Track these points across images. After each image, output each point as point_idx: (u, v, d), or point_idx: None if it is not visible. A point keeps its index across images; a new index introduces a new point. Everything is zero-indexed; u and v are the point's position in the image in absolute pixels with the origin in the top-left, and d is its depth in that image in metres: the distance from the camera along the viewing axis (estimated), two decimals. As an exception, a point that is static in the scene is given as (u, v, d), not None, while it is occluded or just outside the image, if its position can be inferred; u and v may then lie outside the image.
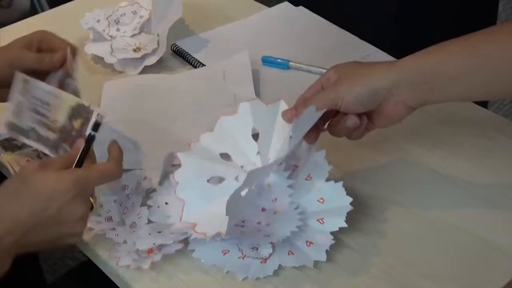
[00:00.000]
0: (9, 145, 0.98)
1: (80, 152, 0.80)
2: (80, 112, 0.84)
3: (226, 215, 0.77)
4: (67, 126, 0.85)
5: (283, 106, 0.86)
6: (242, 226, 0.82)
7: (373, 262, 0.81)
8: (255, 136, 0.88)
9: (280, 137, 0.85)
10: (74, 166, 0.79)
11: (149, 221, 0.85)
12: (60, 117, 0.85)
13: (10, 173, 0.95)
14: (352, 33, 1.20)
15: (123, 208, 0.87)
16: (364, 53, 1.15)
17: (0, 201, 0.77)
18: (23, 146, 0.98)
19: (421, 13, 1.24)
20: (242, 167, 0.87)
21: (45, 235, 0.77)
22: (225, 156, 0.88)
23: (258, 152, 0.87)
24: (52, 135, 0.87)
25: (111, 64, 1.14)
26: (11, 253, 0.76)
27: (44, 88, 0.87)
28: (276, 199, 0.83)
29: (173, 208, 0.86)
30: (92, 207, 0.80)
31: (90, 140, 0.81)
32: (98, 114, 0.82)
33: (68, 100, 0.85)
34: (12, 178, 0.80)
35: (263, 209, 0.84)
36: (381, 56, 1.14)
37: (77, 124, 0.84)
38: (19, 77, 0.89)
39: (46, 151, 0.88)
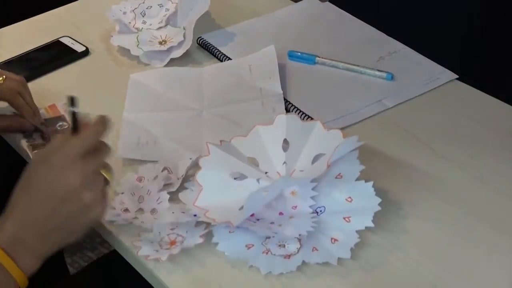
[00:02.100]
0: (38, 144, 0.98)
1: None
2: None
3: (245, 208, 0.79)
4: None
5: (319, 126, 0.89)
6: (254, 222, 0.83)
7: (399, 257, 0.80)
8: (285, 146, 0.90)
9: (310, 154, 0.88)
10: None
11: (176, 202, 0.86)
12: None
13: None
14: (379, 29, 1.19)
15: (138, 197, 0.87)
16: (392, 49, 1.14)
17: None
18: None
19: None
20: (266, 173, 0.88)
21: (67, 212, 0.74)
22: (252, 161, 0.90)
23: (284, 162, 0.89)
24: None
25: (137, 57, 1.14)
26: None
27: None
28: (296, 207, 0.84)
29: None
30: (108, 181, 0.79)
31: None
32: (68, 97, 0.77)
33: None
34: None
35: (281, 213, 0.84)
36: (408, 53, 1.13)
37: None
38: None
39: None
